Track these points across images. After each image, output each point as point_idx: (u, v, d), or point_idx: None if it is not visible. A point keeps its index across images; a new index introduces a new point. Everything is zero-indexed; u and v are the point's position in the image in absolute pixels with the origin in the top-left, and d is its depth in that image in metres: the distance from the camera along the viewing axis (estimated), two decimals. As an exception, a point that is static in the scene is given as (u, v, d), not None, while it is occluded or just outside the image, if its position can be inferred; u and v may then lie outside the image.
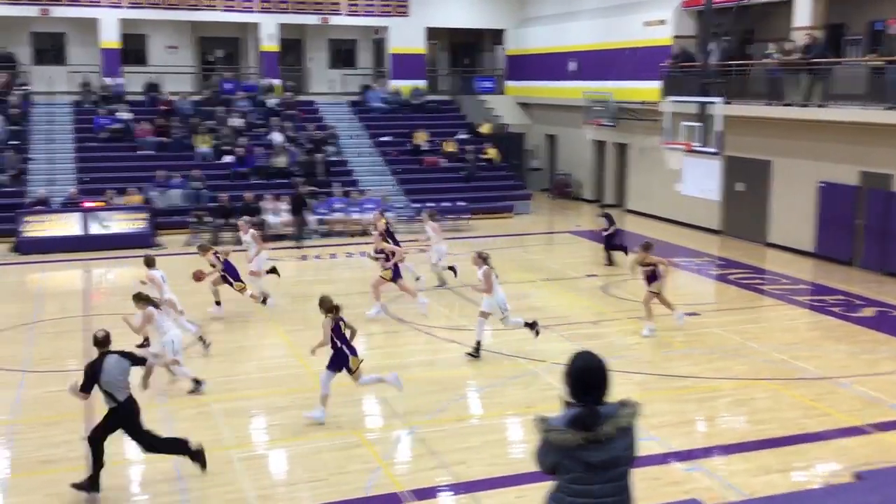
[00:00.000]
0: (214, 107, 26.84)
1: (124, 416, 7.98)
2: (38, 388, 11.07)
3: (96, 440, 7.98)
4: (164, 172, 23.21)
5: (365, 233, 22.56)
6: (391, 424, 10.07)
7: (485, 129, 28.71)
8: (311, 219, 22.25)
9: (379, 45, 32.35)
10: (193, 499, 8.09)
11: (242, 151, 24.76)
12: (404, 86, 30.23)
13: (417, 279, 16.40)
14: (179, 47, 30.59)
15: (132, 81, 27.79)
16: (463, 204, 24.07)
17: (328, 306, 9.69)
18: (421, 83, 30.70)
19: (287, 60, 30.85)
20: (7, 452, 9.21)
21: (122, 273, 18.47)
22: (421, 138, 27.40)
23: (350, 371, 9.80)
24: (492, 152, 27.34)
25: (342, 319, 9.78)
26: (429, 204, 21.99)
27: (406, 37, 30.67)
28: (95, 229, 20.49)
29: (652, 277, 13.39)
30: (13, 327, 13.88)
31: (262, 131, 26.14)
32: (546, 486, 4.41)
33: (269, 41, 29.41)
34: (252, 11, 29.17)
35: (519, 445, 9.37)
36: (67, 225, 20.40)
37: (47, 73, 28.20)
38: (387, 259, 14.66)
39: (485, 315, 12.22)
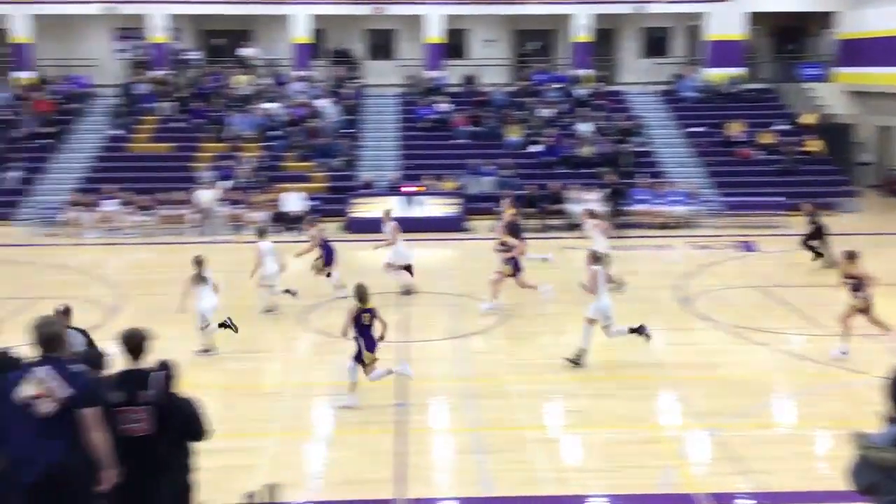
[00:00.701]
0: (526, 98, 27.60)
1: None
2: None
3: None
4: (476, 161, 24.36)
5: (667, 226, 22.07)
6: (690, 423, 9.79)
7: (808, 119, 26.71)
8: (620, 210, 22.12)
9: (694, 33, 31.29)
10: (489, 471, 8.45)
11: (551, 141, 25.24)
12: (719, 74, 28.97)
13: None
14: (496, 40, 31.80)
15: (452, 74, 29.38)
16: (779, 199, 22.61)
17: (359, 295, 9.85)
18: (738, 71, 29.23)
19: (599, 51, 30.86)
20: (331, 412, 10.19)
21: (432, 254, 19.69)
22: (734, 129, 26.13)
23: (363, 364, 9.82)
24: (814, 144, 25.40)
25: (368, 311, 9.84)
26: (738, 198, 20.90)
27: (725, 22, 29.33)
28: (413, 212, 21.99)
29: (858, 290, 11.56)
30: (340, 298, 15.28)
31: (571, 121, 26.43)
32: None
33: (582, 32, 29.60)
34: (568, 3, 29.52)
35: (830, 460, 8.69)
36: (389, 207, 22.05)
37: (379, 67, 30.68)
38: (507, 251, 14.26)
39: (590, 321, 11.37)
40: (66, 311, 8.48)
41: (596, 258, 11.57)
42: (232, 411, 9.94)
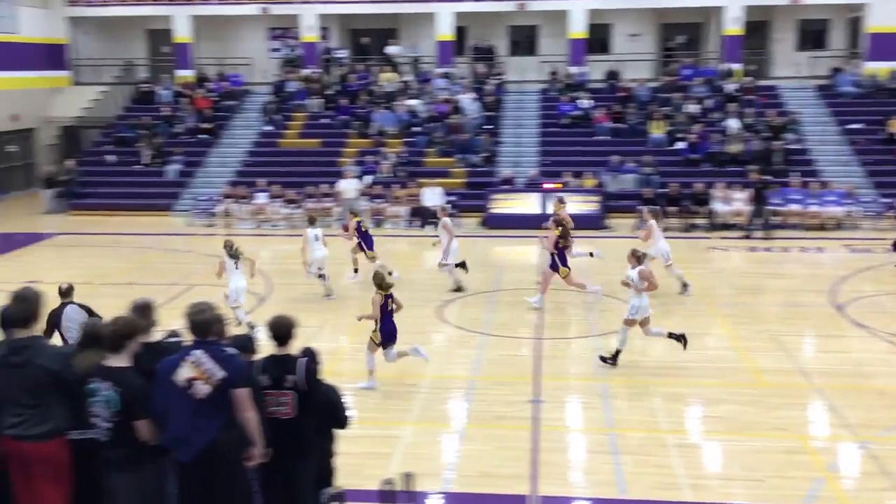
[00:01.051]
0: (671, 93, 26.88)
1: None
2: (494, 351, 12.19)
3: None
4: (617, 157, 23.94)
5: (822, 227, 21.03)
6: (839, 435, 9.29)
7: (980, 115, 24.76)
8: (766, 210, 21.25)
9: (854, 25, 29.57)
10: (627, 473, 8.30)
11: (695, 138, 24.48)
12: (881, 68, 27.26)
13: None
14: (641, 34, 31.13)
15: (594, 69, 28.99)
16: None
17: (379, 283, 10.17)
18: (902, 65, 27.42)
19: (750, 44, 29.64)
20: (466, 404, 10.30)
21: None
22: (897, 126, 24.57)
23: (383, 347, 10.02)
24: None
25: (391, 297, 10.24)
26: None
27: (888, 14, 27.57)
28: (553, 209, 21.81)
29: None
30: (477, 293, 15.40)
31: (718, 117, 25.55)
32: None
33: (733, 24, 28.53)
34: (718, -6, 28.54)
35: None
36: (528, 203, 22.02)
37: (520, 63, 30.64)
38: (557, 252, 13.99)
39: (629, 322, 11.19)
40: (69, 290, 9.33)
41: (637, 257, 11.45)
42: (370, 400, 10.19)
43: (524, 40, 31.67)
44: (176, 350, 5.57)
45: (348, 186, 22.59)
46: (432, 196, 22.47)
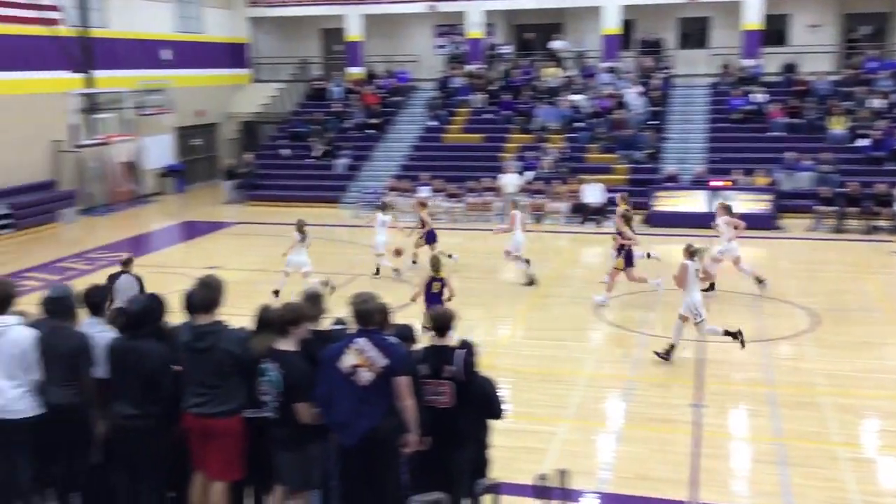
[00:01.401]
0: (854, 87, 25.29)
1: None
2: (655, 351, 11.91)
3: None
4: (793, 154, 22.77)
5: None
6: None
7: None
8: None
9: None
10: (794, 485, 7.91)
11: (880, 135, 22.92)
12: None
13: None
14: (822, 25, 29.44)
15: (770, 62, 27.68)
16: None
17: (433, 265, 11.02)
18: None
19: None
20: (624, 405, 10.14)
21: (741, 252, 18.77)
22: None
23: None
24: None
25: (439, 280, 10.84)
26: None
27: None
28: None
29: None
30: (638, 292, 15.08)
31: (906, 113, 23.82)
32: None
33: (926, 12, 26.51)
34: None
35: None
36: (694, 202, 21.34)
37: (690, 56, 29.71)
38: (620, 248, 14.15)
39: (682, 318, 11.03)
40: (128, 261, 10.81)
41: (690, 252, 11.14)
42: (526, 395, 10.22)
43: (695, 33, 30.67)
44: (342, 338, 5.79)
45: (508, 181, 22.67)
46: (593, 193, 22.19)
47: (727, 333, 11.21)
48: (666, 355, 11.15)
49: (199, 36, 29.78)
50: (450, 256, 15.94)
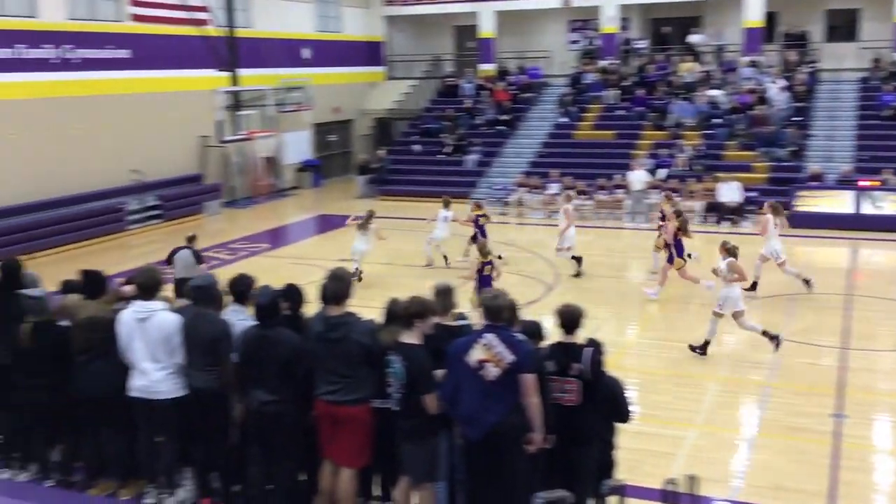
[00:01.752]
0: None
1: None
2: (794, 357, 11.41)
3: None
4: (951, 153, 21.35)
5: None
6: None
7: None
8: None
9: None
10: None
11: None
12: None
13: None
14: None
15: (926, 55, 26.02)
16: None
17: (480, 249, 12.14)
18: None
19: None
20: (759, 411, 9.78)
21: (885, 256, 17.79)
22: None
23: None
24: None
25: (489, 264, 11.86)
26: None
27: None
28: (867, 209, 20.00)
29: None
30: (776, 295, 14.51)
31: None
32: None
33: None
34: None
35: None
36: (839, 202, 20.32)
37: (837, 49, 28.24)
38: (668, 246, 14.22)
39: (717, 315, 11.28)
40: (192, 238, 12.34)
41: (728, 249, 11.27)
42: (654, 397, 10.01)
43: (843, 25, 29.11)
44: (469, 332, 5.85)
45: (636, 179, 22.19)
46: (730, 191, 21.45)
47: (765, 334, 11.30)
48: (702, 350, 11.32)
49: (337, 35, 30.63)
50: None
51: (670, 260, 14.22)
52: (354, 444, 5.93)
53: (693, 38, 28.82)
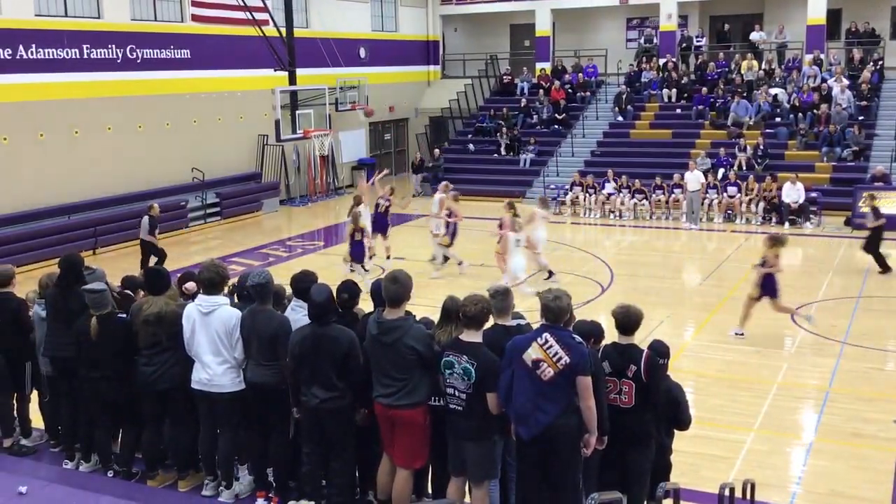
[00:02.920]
0: None
1: None
2: (855, 362, 11.16)
3: None
4: None
5: None
6: None
7: None
8: None
9: None
10: None
11: None
12: None
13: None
14: None
15: None
16: None
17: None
18: None
19: None
20: (817, 417, 9.57)
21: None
22: None
23: None
24: None
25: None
26: None
27: None
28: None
29: None
30: (837, 298, 14.20)
31: None
32: None
33: None
34: None
35: None
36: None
37: (903, 46, 27.51)
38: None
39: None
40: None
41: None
42: (711, 400, 9.87)
43: (911, 21, 28.33)
44: (526, 331, 5.83)
45: (693, 178, 21.85)
46: (792, 192, 21.02)
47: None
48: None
49: (393, 34, 30.81)
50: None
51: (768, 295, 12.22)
52: (410, 446, 5.95)
53: (754, 36, 28.31)
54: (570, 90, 28.95)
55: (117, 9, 20.61)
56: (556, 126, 27.67)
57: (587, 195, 23.13)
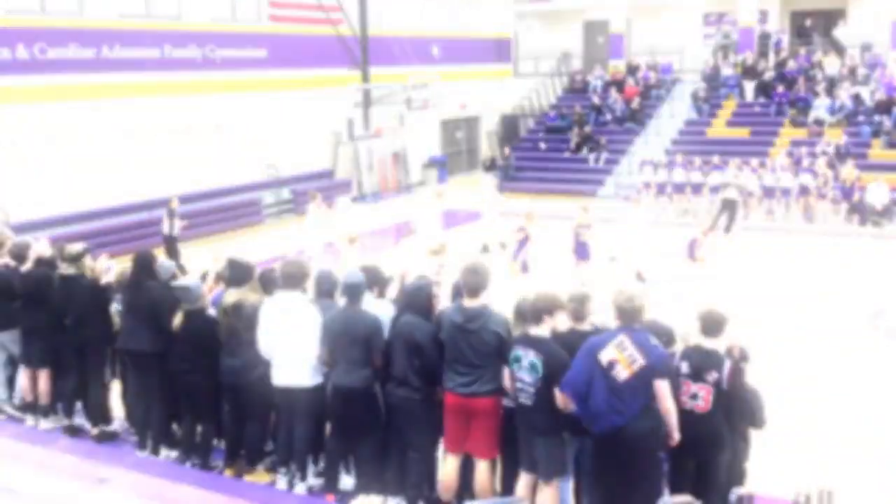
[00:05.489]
0: None
1: None
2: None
3: None
4: None
5: None
6: None
7: None
8: None
9: None
10: None
11: None
12: None
13: None
14: None
15: None
16: None
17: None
18: None
19: None
20: (901, 425, 9.27)
21: None
22: None
23: None
24: None
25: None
26: None
27: None
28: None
29: None
30: None
31: None
32: None
33: None
34: None
35: None
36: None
37: None
38: None
39: None
40: None
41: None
42: (790, 405, 9.63)
43: None
44: (602, 332, 5.79)
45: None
46: (875, 192, 20.35)
47: None
48: None
49: (466, 32, 30.82)
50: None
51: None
52: (489, 435, 6.04)
53: (837, 32, 27.47)
54: (644, 87, 28.55)
55: (197, 9, 21.13)
56: (630, 124, 27.33)
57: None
